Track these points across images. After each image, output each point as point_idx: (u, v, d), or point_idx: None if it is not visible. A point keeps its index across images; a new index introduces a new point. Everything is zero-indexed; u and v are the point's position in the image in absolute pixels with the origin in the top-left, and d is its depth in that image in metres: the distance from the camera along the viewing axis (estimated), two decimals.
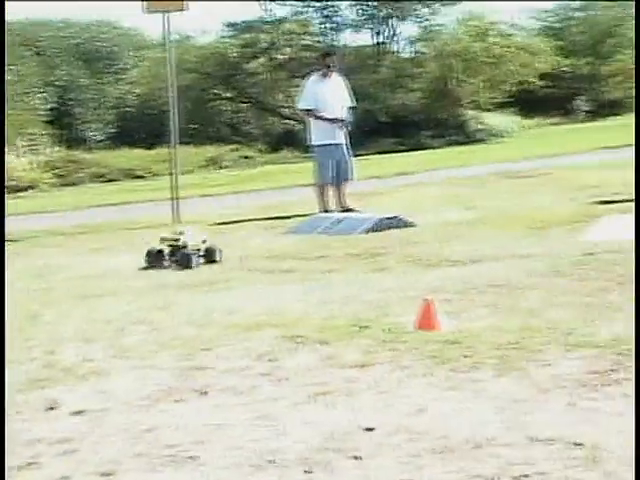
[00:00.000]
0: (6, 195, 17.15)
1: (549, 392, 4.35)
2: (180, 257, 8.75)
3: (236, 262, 8.89)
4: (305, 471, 3.64)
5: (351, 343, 5.44)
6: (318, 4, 38.19)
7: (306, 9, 38.34)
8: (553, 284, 6.80)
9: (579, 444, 3.70)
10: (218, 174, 25.00)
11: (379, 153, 26.77)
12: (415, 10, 36.19)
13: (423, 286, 7.02)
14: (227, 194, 17.56)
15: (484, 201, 12.74)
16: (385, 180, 18.15)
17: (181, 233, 9.03)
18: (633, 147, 12.23)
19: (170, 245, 8.87)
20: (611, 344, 5.01)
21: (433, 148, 28.96)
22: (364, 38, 39.07)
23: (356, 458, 3.75)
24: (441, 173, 18.88)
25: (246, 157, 29.43)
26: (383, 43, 37.59)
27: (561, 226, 9.90)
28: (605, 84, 42.91)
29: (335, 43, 38.15)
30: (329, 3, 38.18)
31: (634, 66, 27.24)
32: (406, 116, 32.03)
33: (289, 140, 32.15)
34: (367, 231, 10.29)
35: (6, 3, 11.72)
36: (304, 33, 36.01)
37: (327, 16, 38.49)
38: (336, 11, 38.38)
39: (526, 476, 3.45)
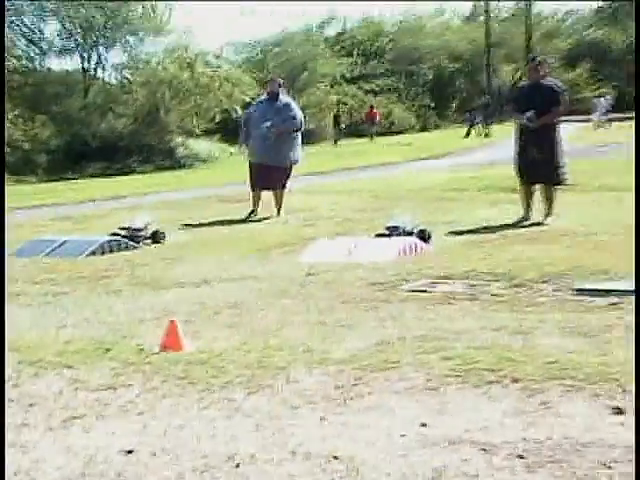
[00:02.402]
0: None
1: (300, 408, 4.37)
2: None
3: None
4: None
5: (96, 366, 5.25)
6: (24, 29, 37.10)
7: (10, 34, 37.13)
8: (283, 304, 6.86)
9: (336, 457, 3.74)
10: None
11: (90, 177, 26.26)
12: (122, 39, 35.91)
13: (157, 308, 6.91)
14: None
15: (200, 224, 12.72)
16: (100, 203, 17.79)
17: None
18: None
19: None
20: (349, 360, 5.12)
21: (143, 173, 28.76)
22: (71, 63, 38.38)
23: None
24: (152, 197, 18.73)
25: None
26: (90, 69, 37.00)
27: (279, 248, 10.04)
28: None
29: (40, 68, 37.17)
30: (34, 28, 37.19)
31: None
32: (115, 141, 31.68)
33: None
34: (92, 253, 10.01)
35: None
36: (9, 57, 34.77)
37: (32, 41, 37.48)
38: (41, 36, 37.40)
39: None
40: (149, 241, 10.89)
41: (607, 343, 5.30)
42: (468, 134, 40.84)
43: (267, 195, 13.43)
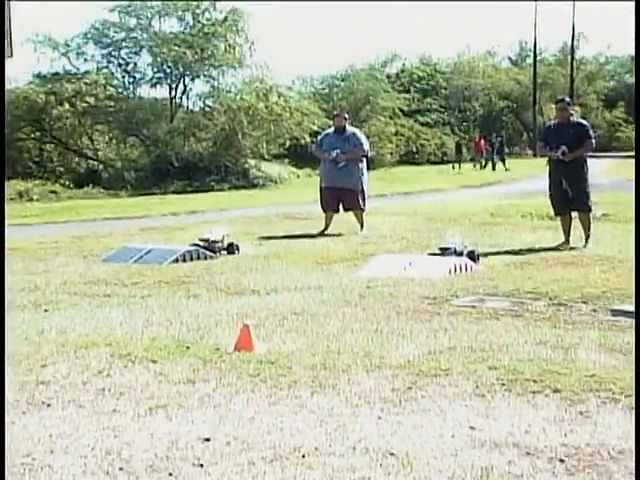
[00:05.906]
0: None
1: (360, 407, 4.36)
2: None
3: (59, 287, 8.51)
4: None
5: (178, 361, 5.30)
6: (120, 60, 37.68)
7: (109, 64, 37.76)
8: (344, 313, 6.85)
9: (392, 453, 3.72)
10: (30, 206, 24.04)
11: (173, 193, 26.50)
12: (206, 71, 36.27)
13: (232, 312, 6.93)
14: (40, 224, 16.85)
15: (270, 238, 12.76)
16: (181, 217, 17.95)
17: None
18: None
19: None
20: (404, 365, 5.10)
21: (220, 191, 28.96)
22: (160, 92, 38.82)
23: (199, 466, 3.64)
24: (228, 212, 18.83)
25: (52, 191, 28.52)
26: (177, 98, 37.40)
27: (341, 262, 10.02)
28: None
29: (133, 96, 37.71)
30: (129, 60, 37.75)
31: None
32: (196, 162, 31.96)
33: (92, 177, 31.50)
34: (175, 261, 10.10)
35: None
36: (107, 85, 35.30)
37: (127, 71, 38.00)
38: (135, 68, 37.94)
39: None
40: (225, 252, 10.95)
41: None
42: (493, 168, 41.14)
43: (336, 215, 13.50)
